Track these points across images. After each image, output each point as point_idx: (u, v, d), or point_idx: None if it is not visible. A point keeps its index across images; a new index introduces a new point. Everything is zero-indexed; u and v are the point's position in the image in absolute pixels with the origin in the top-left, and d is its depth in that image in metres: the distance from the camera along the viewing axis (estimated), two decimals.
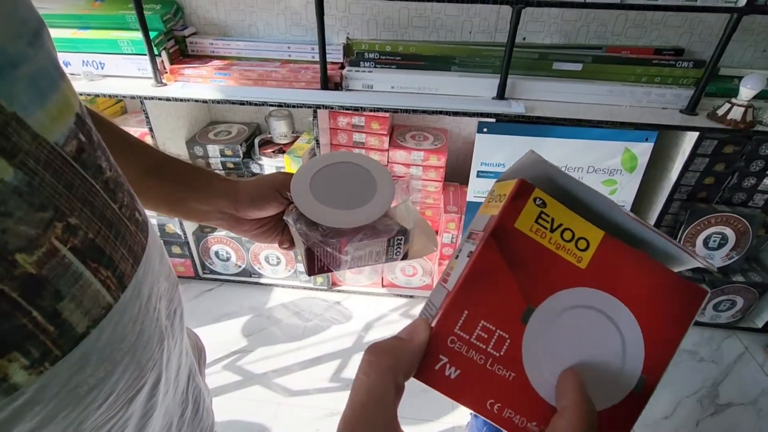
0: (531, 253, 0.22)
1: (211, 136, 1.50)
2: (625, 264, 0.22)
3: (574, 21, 1.30)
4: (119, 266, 0.26)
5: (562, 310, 0.22)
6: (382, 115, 1.31)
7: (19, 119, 0.20)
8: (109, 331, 0.25)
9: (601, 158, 1.18)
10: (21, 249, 0.20)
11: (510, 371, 0.22)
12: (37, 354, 0.21)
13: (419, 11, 1.32)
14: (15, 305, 0.20)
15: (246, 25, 1.41)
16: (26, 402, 0.21)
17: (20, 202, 0.20)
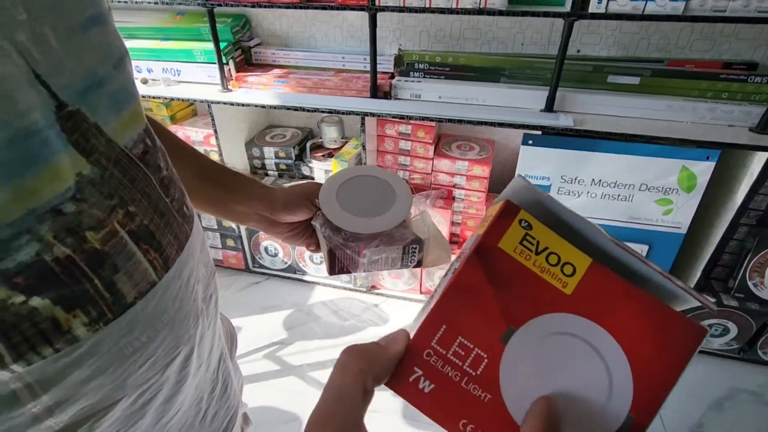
0: (514, 274, 0.21)
1: (268, 139, 1.61)
2: (613, 294, 0.21)
3: (633, 33, 1.25)
4: (165, 250, 0.31)
5: (544, 335, 0.21)
6: (428, 124, 1.34)
7: (98, 127, 0.26)
8: (153, 304, 0.30)
9: (656, 176, 1.12)
10: (91, 228, 0.25)
11: (486, 392, 0.21)
12: (95, 314, 0.26)
13: (471, 23, 1.34)
14: (82, 273, 0.25)
15: (306, 37, 1.50)
16: (84, 353, 0.26)
17: (93, 191, 0.26)
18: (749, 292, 1.29)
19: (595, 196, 1.18)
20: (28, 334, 0.24)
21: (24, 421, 0.25)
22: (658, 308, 0.20)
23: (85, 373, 0.27)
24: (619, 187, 1.16)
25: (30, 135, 0.22)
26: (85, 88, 0.26)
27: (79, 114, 0.25)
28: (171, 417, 0.36)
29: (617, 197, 1.17)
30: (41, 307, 0.24)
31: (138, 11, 1.49)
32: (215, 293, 0.41)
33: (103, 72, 0.27)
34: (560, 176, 1.18)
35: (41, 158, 0.23)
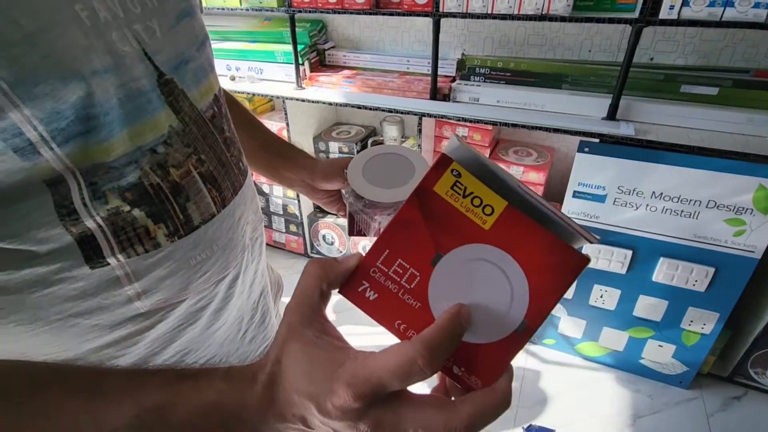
0: (444, 212, 0.26)
1: (334, 135, 1.73)
2: (521, 229, 0.26)
3: (715, 41, 1.17)
4: (224, 191, 0.40)
5: (464, 259, 0.26)
6: (485, 128, 1.36)
7: (184, 93, 0.36)
8: (212, 230, 0.39)
9: (727, 193, 1.05)
10: (173, 165, 0.35)
11: (417, 301, 0.27)
12: (172, 229, 0.36)
13: (536, 29, 1.34)
14: (166, 197, 0.35)
15: (375, 41, 1.60)
16: (163, 257, 0.36)
17: (177, 139, 0.35)
18: None
19: (655, 209, 1.13)
20: (130, 234, 0.33)
21: (122, 300, 0.35)
22: (553, 242, 0.25)
23: (163, 272, 0.36)
24: (683, 202, 1.09)
25: (140, 94, 0.32)
26: (177, 64, 0.35)
27: (173, 82, 0.35)
28: (217, 327, 0.44)
29: (680, 213, 1.11)
30: (139, 217, 0.33)
31: (232, 16, 1.69)
32: (261, 237, 0.50)
33: (189, 53, 0.37)
34: (617, 186, 1.14)
35: (147, 112, 0.33)
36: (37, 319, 0.32)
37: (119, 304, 0.35)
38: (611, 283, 1.28)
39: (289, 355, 0.26)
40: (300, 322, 0.27)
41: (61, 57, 0.27)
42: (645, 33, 1.21)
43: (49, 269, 0.31)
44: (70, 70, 0.27)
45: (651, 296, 1.24)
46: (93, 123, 0.29)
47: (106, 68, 0.29)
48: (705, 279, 1.14)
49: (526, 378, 1.40)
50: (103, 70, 0.29)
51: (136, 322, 0.36)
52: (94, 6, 0.29)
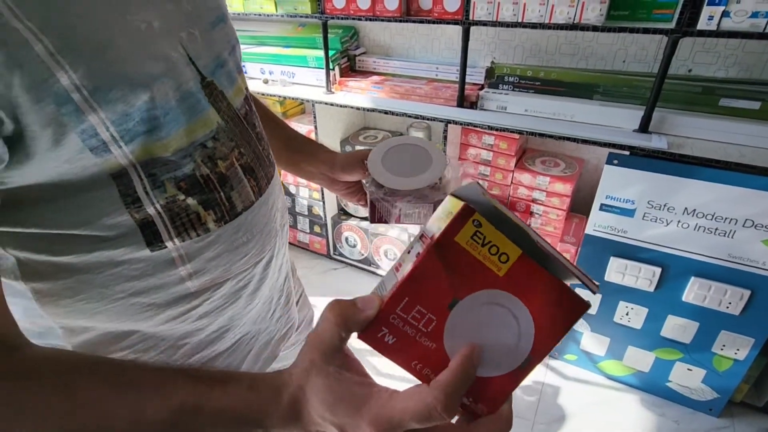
0: (463, 261, 0.27)
1: (361, 139, 1.75)
2: (532, 276, 0.28)
3: (759, 53, 1.12)
4: (260, 181, 0.44)
5: (479, 303, 0.28)
6: (512, 136, 1.35)
7: (222, 94, 0.40)
8: (251, 216, 0.43)
9: (764, 213, 0.99)
10: (220, 158, 0.39)
11: (432, 342, 0.29)
12: (219, 215, 0.40)
13: (569, 39, 1.32)
14: (214, 186, 0.39)
15: (405, 47, 1.62)
16: (211, 240, 0.40)
17: (223, 135, 0.40)
18: None
19: (687, 226, 1.08)
20: (184, 220, 0.37)
21: (175, 280, 0.39)
22: (559, 287, 0.28)
23: (211, 254, 0.40)
24: (718, 220, 1.05)
25: (190, 96, 0.36)
26: (215, 68, 0.39)
27: (213, 84, 0.39)
28: (253, 306, 0.49)
29: (714, 231, 1.06)
30: (192, 204, 0.38)
31: (269, 22, 1.75)
32: (286, 225, 0.55)
33: (223, 57, 0.41)
34: (647, 201, 1.10)
35: (198, 111, 0.37)
36: (102, 298, 0.37)
37: (173, 284, 0.39)
38: (638, 301, 1.23)
39: (312, 388, 0.28)
40: (322, 359, 0.28)
41: (127, 65, 0.31)
42: (683, 44, 1.17)
43: (116, 252, 0.35)
44: (135, 76, 0.31)
45: (680, 317, 1.19)
46: (154, 123, 0.33)
47: (163, 73, 0.33)
48: (740, 302, 1.09)
49: (545, 393, 1.36)
50: (161, 75, 0.33)
51: (186, 300, 0.41)
52: (149, 17, 0.33)
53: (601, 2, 1.05)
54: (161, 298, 0.39)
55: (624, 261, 1.19)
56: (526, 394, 1.36)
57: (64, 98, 0.28)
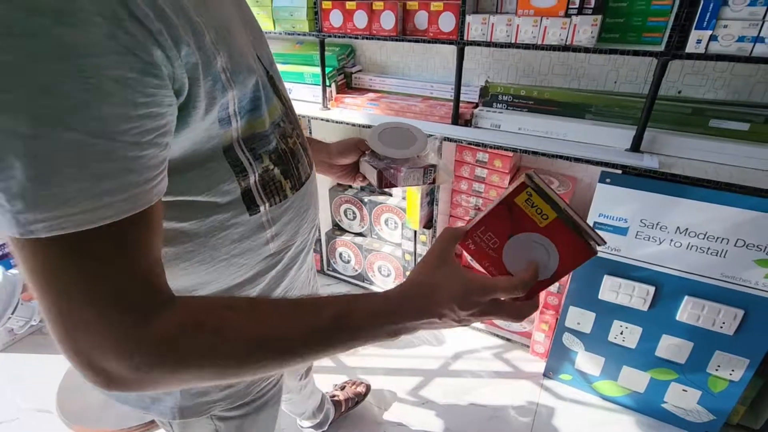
0: (519, 214, 0.44)
1: None
2: (560, 230, 0.44)
3: (747, 76, 1.15)
4: (310, 157, 0.54)
5: (526, 239, 0.45)
6: (506, 154, 1.36)
7: (277, 87, 0.47)
8: (308, 188, 0.52)
9: (757, 233, 1.00)
10: (288, 136, 0.48)
11: (496, 255, 0.47)
12: (293, 183, 0.49)
13: (561, 59, 1.35)
14: (289, 159, 0.48)
15: (401, 66, 1.64)
16: (288, 206, 0.48)
17: (286, 118, 0.48)
18: None
19: (680, 245, 1.09)
20: (271, 188, 0.45)
21: (262, 242, 0.47)
22: (577, 240, 0.44)
23: (287, 218, 0.49)
24: (710, 239, 1.05)
25: (263, 86, 0.43)
26: (270, 64, 0.47)
27: (273, 77, 0.47)
28: (303, 271, 0.59)
29: (707, 250, 1.06)
30: (277, 174, 0.46)
31: (268, 39, 1.77)
32: (316, 218, 0.62)
33: (272, 62, 0.49)
34: (640, 219, 1.11)
35: (270, 98, 0.44)
36: (212, 259, 0.44)
37: (260, 245, 0.47)
38: (632, 320, 1.22)
39: (444, 274, 0.43)
40: (447, 255, 0.44)
41: (243, 55, 0.39)
42: (673, 66, 1.20)
43: (225, 216, 0.43)
44: (248, 64, 0.40)
45: (675, 336, 1.18)
46: (256, 103, 0.41)
47: (255, 65, 0.41)
48: (733, 321, 1.08)
49: (539, 414, 1.34)
50: (255, 66, 0.41)
51: (266, 261, 0.49)
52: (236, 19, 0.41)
53: (593, 25, 1.07)
54: (252, 260, 0.47)
55: (618, 279, 1.19)
56: (520, 415, 1.34)
57: (217, 77, 0.36)
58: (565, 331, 1.35)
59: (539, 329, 1.46)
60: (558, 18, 1.10)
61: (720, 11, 0.94)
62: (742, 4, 0.92)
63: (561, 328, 1.35)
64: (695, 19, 0.95)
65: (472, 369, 1.49)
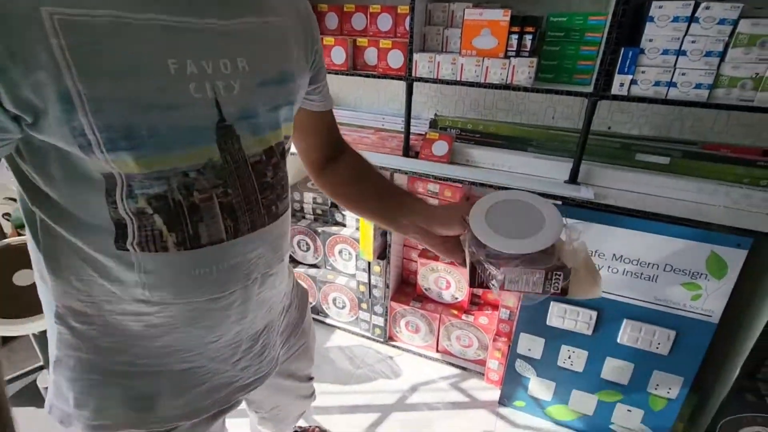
0: None
1: (309, 185, 1.74)
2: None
3: (665, 115, 1.27)
4: (240, 224, 0.47)
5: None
6: (456, 185, 1.40)
7: (238, 138, 0.45)
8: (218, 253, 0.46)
9: (682, 258, 1.08)
10: (198, 190, 0.43)
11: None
12: (180, 239, 0.44)
13: (504, 96, 1.43)
14: (182, 213, 0.43)
15: (352, 98, 1.67)
16: (170, 260, 0.44)
17: (211, 171, 0.43)
18: None
19: (617, 271, 1.15)
20: (148, 233, 0.42)
21: (132, 282, 0.44)
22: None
23: (167, 273, 0.45)
24: (642, 265, 1.12)
25: (192, 131, 0.41)
26: (241, 117, 0.44)
27: (231, 128, 0.44)
28: (210, 341, 0.52)
29: (640, 276, 1.13)
30: (158, 221, 0.42)
31: None
32: (277, 277, 0.56)
33: (257, 111, 0.46)
34: None
35: (193, 145, 0.41)
36: (85, 268, 0.44)
37: (130, 285, 0.44)
38: (578, 344, 1.27)
39: None
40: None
41: (132, 91, 0.37)
42: (602, 104, 1.30)
43: (96, 237, 0.42)
44: (137, 100, 0.37)
45: (617, 358, 1.24)
46: (137, 142, 0.38)
47: (169, 106, 0.39)
48: (667, 342, 1.15)
49: None
50: (166, 107, 0.39)
51: (141, 304, 0.46)
52: (186, 62, 0.39)
53: (530, 66, 1.15)
54: (121, 292, 0.45)
55: (563, 305, 1.23)
56: None
57: (67, 98, 0.35)
58: (517, 357, 1.37)
59: (493, 357, 1.48)
60: (498, 59, 1.17)
61: (638, 58, 1.04)
62: (656, 53, 1.02)
63: (513, 354, 1.37)
64: (617, 64, 1.05)
65: (428, 401, 1.47)
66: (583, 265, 0.46)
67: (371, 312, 1.65)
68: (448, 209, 0.58)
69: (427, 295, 1.62)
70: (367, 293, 1.62)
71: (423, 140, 1.39)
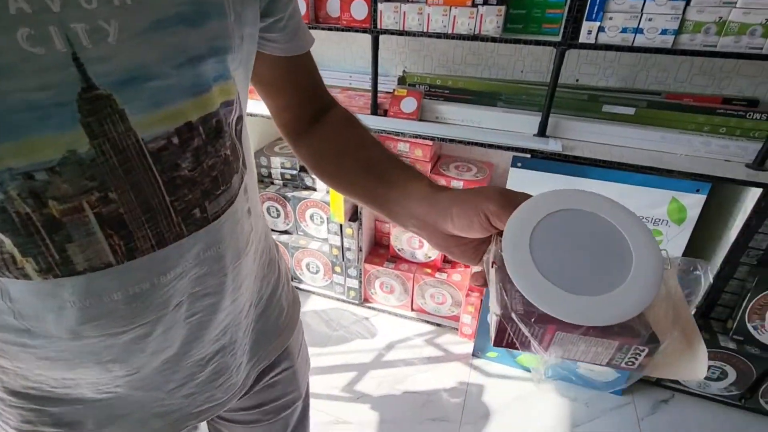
0: None
1: (276, 150, 1.69)
2: None
3: (631, 65, 1.27)
4: (136, 241, 0.32)
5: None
6: (425, 143, 1.38)
7: (123, 114, 0.29)
8: (105, 281, 0.32)
9: (645, 206, 1.11)
10: (55, 198, 0.29)
11: None
12: (44, 266, 0.30)
13: (472, 49, 1.39)
14: (36, 231, 0.29)
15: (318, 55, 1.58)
16: (38, 290, 0.31)
17: (75, 169, 0.28)
18: (749, 335, 1.24)
19: None
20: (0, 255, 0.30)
21: (3, 308, 0.33)
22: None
23: (40, 305, 0.32)
24: None
25: (30, 108, 0.26)
26: (128, 79, 0.28)
27: (108, 99, 0.28)
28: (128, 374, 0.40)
29: None
30: (6, 242, 0.29)
31: None
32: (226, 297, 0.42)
33: (157, 69, 0.29)
34: None
35: (32, 130, 0.26)
36: None
37: (3, 311, 0.33)
38: None
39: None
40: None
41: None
42: (570, 56, 1.29)
43: None
44: None
45: None
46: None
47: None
48: None
49: (470, 393, 1.39)
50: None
51: (23, 334, 0.34)
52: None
53: (497, 14, 1.11)
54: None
55: None
56: (452, 396, 1.38)
57: None
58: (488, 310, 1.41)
59: (466, 311, 1.51)
60: (466, 7, 1.13)
61: (606, 4, 1.02)
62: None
63: (485, 308, 1.41)
64: (585, 11, 1.03)
65: (404, 357, 1.50)
66: (681, 329, 0.28)
67: (345, 275, 1.65)
68: (465, 201, 0.36)
69: (400, 256, 1.63)
70: (341, 256, 1.61)
71: (391, 97, 1.35)
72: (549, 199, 0.30)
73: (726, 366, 1.27)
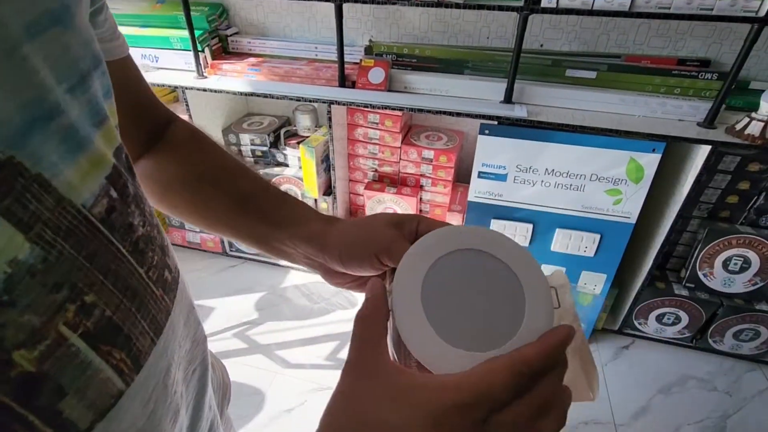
0: None
1: (245, 126, 1.65)
2: None
3: (593, 29, 1.29)
4: (136, 344, 0.24)
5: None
6: (395, 114, 1.38)
7: (43, 181, 0.19)
8: (116, 423, 0.23)
9: (605, 167, 1.17)
10: (21, 345, 0.18)
11: None
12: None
13: (439, 17, 1.38)
14: (7, 411, 0.18)
15: (281, 27, 1.55)
16: None
17: (32, 284, 0.18)
18: (699, 282, 1.34)
19: (549, 185, 1.23)
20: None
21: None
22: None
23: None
24: (572, 177, 1.20)
25: None
26: (27, 125, 0.18)
27: (12, 166, 0.18)
28: None
29: (570, 187, 1.22)
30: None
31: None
32: (201, 365, 0.36)
33: (54, 97, 0.20)
34: (515, 165, 1.22)
35: None
36: None
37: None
38: None
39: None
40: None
41: None
42: (534, 21, 1.30)
43: None
44: None
45: (551, 264, 1.36)
46: None
47: None
48: (593, 245, 1.28)
49: None
50: None
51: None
52: None
53: None
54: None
55: (503, 222, 1.31)
56: None
57: None
58: None
59: None
60: None
61: None
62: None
63: None
64: None
65: None
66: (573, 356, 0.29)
67: None
68: (354, 243, 0.33)
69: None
70: None
71: (359, 68, 1.34)
72: (439, 235, 0.29)
73: (679, 311, 1.38)
